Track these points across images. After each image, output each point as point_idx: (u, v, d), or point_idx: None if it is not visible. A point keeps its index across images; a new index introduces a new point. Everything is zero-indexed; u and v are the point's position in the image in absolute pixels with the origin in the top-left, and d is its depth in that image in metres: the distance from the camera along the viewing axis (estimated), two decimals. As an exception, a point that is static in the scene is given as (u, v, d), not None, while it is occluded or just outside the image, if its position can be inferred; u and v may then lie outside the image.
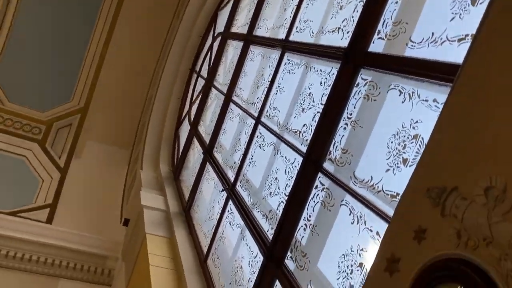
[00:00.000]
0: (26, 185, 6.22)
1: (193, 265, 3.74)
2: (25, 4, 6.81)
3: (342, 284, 2.12)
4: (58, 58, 7.03)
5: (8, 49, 6.82)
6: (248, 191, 3.52)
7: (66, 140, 7.02)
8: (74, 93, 7.17)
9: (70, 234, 5.67)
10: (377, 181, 2.12)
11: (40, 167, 6.55)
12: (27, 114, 6.83)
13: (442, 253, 1.21)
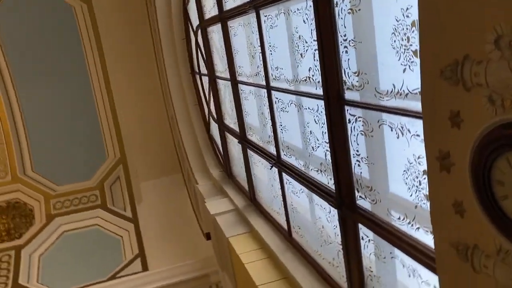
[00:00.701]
0: (110, 248, 6.53)
1: (281, 245, 3.77)
2: (24, 95, 7.08)
3: (417, 197, 2.04)
4: (76, 127, 7.27)
5: (32, 140, 7.14)
6: (293, 156, 3.47)
7: (122, 192, 7.29)
8: (106, 149, 7.41)
9: (168, 270, 5.90)
10: (399, 85, 2.00)
11: (113, 227, 6.85)
12: (78, 188, 7.15)
13: (485, 126, 1.10)
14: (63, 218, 6.94)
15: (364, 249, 2.58)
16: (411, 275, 2.19)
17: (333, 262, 3.04)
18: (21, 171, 7.17)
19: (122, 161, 7.38)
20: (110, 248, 6.54)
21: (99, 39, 7.09)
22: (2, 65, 6.95)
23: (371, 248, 2.53)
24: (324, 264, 3.18)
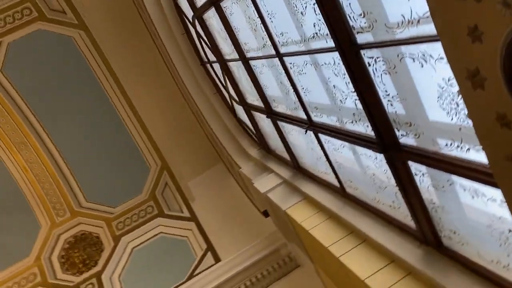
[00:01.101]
0: (180, 251, 6.79)
1: (338, 203, 3.80)
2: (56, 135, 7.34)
3: (459, 119, 1.98)
4: (112, 149, 7.49)
5: (77, 173, 7.44)
6: (324, 114, 3.44)
7: (174, 196, 7.50)
8: (146, 161, 7.61)
9: (239, 255, 6.06)
10: (408, 14, 1.93)
11: (176, 230, 7.10)
12: (133, 205, 7.43)
13: (507, 31, 1.06)
14: (128, 236, 7.24)
15: (420, 184, 2.56)
16: (474, 196, 2.16)
17: (393, 205, 3.04)
18: (77, 205, 7.50)
19: (165, 167, 7.57)
20: (179, 250, 6.79)
21: (106, 61, 7.19)
22: (26, 113, 7.21)
23: (427, 181, 2.51)
24: (385, 209, 3.18)
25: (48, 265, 7.25)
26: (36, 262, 7.26)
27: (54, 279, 7.13)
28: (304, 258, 5.11)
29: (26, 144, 7.31)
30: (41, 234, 7.43)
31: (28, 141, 7.32)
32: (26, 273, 7.18)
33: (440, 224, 2.58)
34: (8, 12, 6.82)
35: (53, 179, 7.42)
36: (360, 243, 3.39)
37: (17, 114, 7.16)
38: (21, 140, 7.30)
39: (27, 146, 7.30)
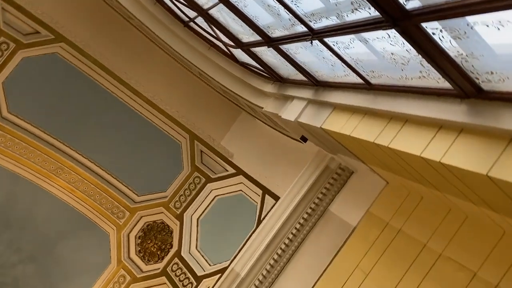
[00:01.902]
0: (240, 205, 7.03)
1: (368, 97, 3.78)
2: (87, 151, 7.53)
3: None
4: (140, 140, 7.65)
5: (120, 175, 7.68)
6: (323, 17, 3.36)
7: (214, 159, 7.66)
8: (174, 138, 7.75)
9: (295, 185, 6.20)
10: None
11: (229, 188, 7.33)
12: (181, 181, 7.71)
13: None
14: (188, 211, 7.54)
15: (442, 42, 2.51)
16: (499, 28, 2.11)
17: (422, 75, 3.01)
18: (132, 202, 7.81)
19: (194, 137, 7.69)
20: (239, 205, 7.04)
21: (97, 62, 7.19)
22: (48, 140, 7.39)
23: (447, 36, 2.46)
24: (415, 82, 3.16)
25: (131, 263, 7.69)
26: (119, 265, 7.72)
27: (141, 273, 7.59)
28: (355, 163, 5.20)
29: (62, 168, 7.56)
30: (112, 240, 7.84)
31: (62, 165, 7.56)
32: (116, 277, 7.66)
33: (474, 72, 2.55)
34: (-12, 54, 6.84)
35: (100, 189, 7.70)
36: (403, 125, 3.41)
37: (41, 145, 7.36)
38: (56, 166, 7.55)
39: (63, 169, 7.54)
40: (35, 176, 7.48)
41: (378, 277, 4.21)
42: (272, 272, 5.54)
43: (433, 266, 3.82)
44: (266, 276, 5.55)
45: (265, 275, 5.55)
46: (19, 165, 7.35)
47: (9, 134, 7.14)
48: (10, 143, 7.18)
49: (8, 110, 7.10)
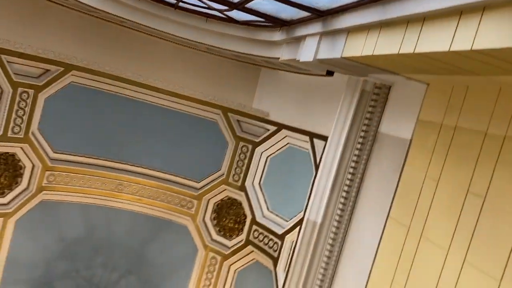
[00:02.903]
0: (293, 157, 7.09)
1: (377, 11, 3.59)
2: (133, 158, 7.80)
3: None
4: (177, 131, 7.81)
5: (176, 171, 7.92)
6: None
7: (252, 124, 7.71)
8: (208, 118, 7.84)
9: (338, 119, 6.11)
10: None
11: (277, 145, 7.40)
12: (230, 155, 7.85)
13: None
14: (248, 179, 7.73)
15: None
16: None
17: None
18: (195, 190, 8.09)
19: (226, 110, 7.75)
20: (292, 157, 7.09)
21: (114, 76, 7.29)
22: (101, 163, 7.71)
23: None
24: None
25: (216, 244, 8.06)
26: (206, 249, 8.11)
27: (228, 249, 7.94)
28: (389, 77, 5.03)
29: (121, 183, 7.91)
30: (191, 230, 8.22)
31: (120, 180, 7.90)
32: (207, 261, 8.09)
33: None
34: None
35: (162, 189, 8.03)
36: (422, 26, 3.21)
37: (94, 170, 7.71)
38: (116, 184, 7.91)
39: (123, 184, 7.90)
40: (101, 199, 7.90)
41: (450, 180, 4.14)
42: (345, 210, 5.60)
43: (501, 151, 3.69)
44: (342, 215, 5.62)
45: (340, 214, 5.63)
46: (84, 196, 7.77)
47: (64, 172, 7.52)
48: (67, 179, 7.58)
49: (53, 150, 7.43)
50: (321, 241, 5.81)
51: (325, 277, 5.76)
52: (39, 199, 7.42)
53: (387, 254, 4.78)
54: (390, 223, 4.83)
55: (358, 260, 5.30)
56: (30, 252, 7.73)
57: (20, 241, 7.48)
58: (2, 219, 7.13)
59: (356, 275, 5.27)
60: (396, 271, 4.53)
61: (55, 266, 8.06)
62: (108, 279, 8.47)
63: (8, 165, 6.95)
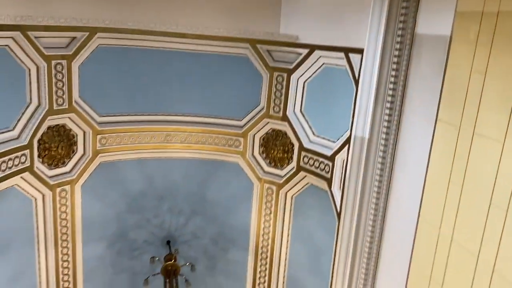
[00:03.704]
0: (331, 77, 6.94)
1: None
2: (181, 109, 7.94)
3: None
4: (211, 75, 7.82)
5: (221, 113, 8.04)
6: None
7: (283, 51, 7.54)
8: (239, 54, 7.74)
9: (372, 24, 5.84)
10: None
11: (313, 67, 7.24)
12: (266, 86, 7.77)
13: None
14: (288, 108, 7.72)
15: None
16: None
17: None
18: (239, 128, 8.21)
19: (255, 42, 7.59)
20: (330, 76, 6.95)
21: (138, 30, 7.25)
22: (145, 118, 7.93)
23: None
24: None
25: (269, 175, 8.29)
26: (261, 182, 8.36)
27: (281, 178, 8.14)
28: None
29: (168, 134, 8.17)
30: (243, 166, 8.44)
31: (167, 132, 8.15)
32: (264, 192, 8.37)
33: None
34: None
35: (208, 133, 8.24)
36: None
37: (141, 126, 7.97)
38: (164, 136, 8.18)
39: (170, 134, 8.16)
40: (153, 152, 8.23)
41: (497, 70, 3.92)
42: (392, 120, 5.52)
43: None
44: (389, 126, 5.55)
45: (387, 125, 5.56)
46: (137, 152, 8.12)
47: (113, 133, 7.83)
48: (118, 139, 7.91)
49: (99, 115, 7.71)
50: (371, 155, 5.82)
51: (380, 188, 5.84)
52: (97, 162, 7.84)
53: (440, 157, 4.74)
54: (440, 125, 4.73)
55: (412, 167, 5.30)
56: (101, 211, 8.33)
57: (89, 203, 8.06)
58: (69, 186, 7.65)
59: (411, 181, 5.30)
60: (452, 172, 4.50)
61: (126, 219, 8.69)
62: (177, 223, 9.05)
63: (62, 136, 7.32)
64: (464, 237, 4.36)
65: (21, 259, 7.52)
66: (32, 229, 7.53)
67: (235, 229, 8.96)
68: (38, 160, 7.09)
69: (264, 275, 9.00)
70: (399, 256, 5.63)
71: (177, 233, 9.15)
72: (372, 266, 6.35)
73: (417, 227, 5.16)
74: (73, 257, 8.18)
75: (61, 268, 8.11)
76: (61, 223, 7.80)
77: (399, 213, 5.64)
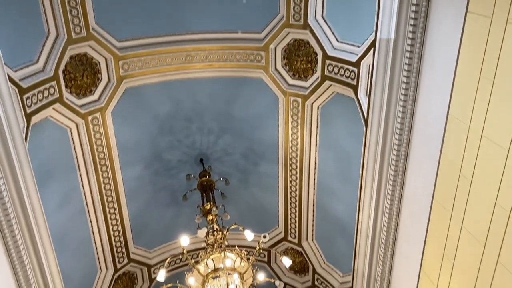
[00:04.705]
0: None
1: None
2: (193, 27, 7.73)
3: None
4: None
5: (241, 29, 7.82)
6: None
7: None
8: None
9: None
10: None
11: None
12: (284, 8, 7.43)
13: None
14: (309, 15, 7.40)
15: None
16: None
17: None
18: (259, 42, 8.00)
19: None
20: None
21: None
22: (164, 39, 7.83)
23: None
24: None
25: (294, 87, 8.22)
26: (286, 95, 8.31)
27: (306, 90, 8.07)
28: None
29: (188, 54, 8.07)
30: (266, 80, 8.38)
31: (187, 52, 8.05)
32: (290, 105, 8.37)
33: None
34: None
35: (228, 49, 8.09)
36: None
37: (161, 48, 7.88)
38: (184, 56, 8.10)
39: (190, 54, 8.06)
40: (176, 74, 8.22)
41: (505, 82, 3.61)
42: (419, 18, 5.24)
43: None
44: (415, 24, 5.29)
45: (413, 23, 5.29)
46: (160, 75, 8.13)
47: (134, 57, 7.81)
48: (140, 63, 7.90)
49: (117, 40, 7.64)
50: (398, 56, 5.64)
51: (408, 90, 5.73)
52: (123, 89, 7.94)
53: (470, 51, 4.55)
54: (470, 17, 4.47)
55: (440, 65, 5.12)
56: (133, 135, 8.61)
57: (121, 128, 8.31)
58: (100, 114, 7.85)
59: (439, 79, 5.16)
60: (483, 66, 4.34)
61: (159, 142, 8.98)
62: (207, 141, 9.30)
63: (85, 65, 7.36)
64: (494, 131, 4.31)
65: (66, 185, 8.02)
66: (72, 157, 7.92)
67: (264, 143, 9.15)
68: (66, 90, 7.24)
69: (295, 184, 9.33)
70: (428, 156, 5.67)
71: (209, 151, 9.44)
72: (400, 169, 6.46)
73: (446, 125, 5.11)
74: (114, 180, 8.65)
75: (104, 191, 8.63)
76: (97, 149, 8.15)
77: (428, 113, 5.57)
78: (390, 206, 6.81)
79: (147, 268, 10.09)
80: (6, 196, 5.88)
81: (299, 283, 10.54)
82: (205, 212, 8.70)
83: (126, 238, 9.46)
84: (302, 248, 10.00)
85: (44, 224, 6.70)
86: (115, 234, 9.22)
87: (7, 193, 5.90)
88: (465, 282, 5.11)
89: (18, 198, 6.15)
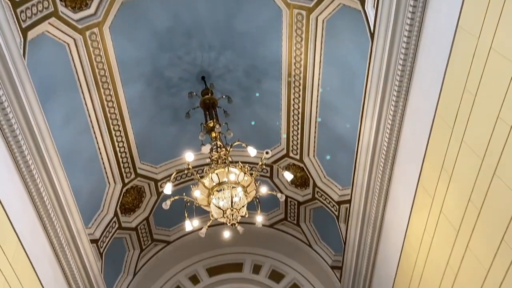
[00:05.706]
0: None
1: None
2: None
3: None
4: None
5: None
6: None
7: None
8: None
9: None
10: None
11: None
12: None
13: None
14: None
15: None
16: None
17: None
18: (287, 4, 7.45)
19: None
20: None
21: None
22: None
23: None
24: None
25: None
26: (290, 7, 7.93)
27: (311, 1, 7.70)
28: None
29: None
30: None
31: None
32: (294, 19, 8.05)
33: None
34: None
35: None
36: None
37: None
38: None
39: None
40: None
41: None
42: None
43: None
44: None
45: None
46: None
47: None
48: None
49: None
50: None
51: (416, 2, 5.49)
52: (119, 2, 7.60)
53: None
54: None
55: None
56: (133, 51, 8.42)
57: (120, 44, 8.10)
58: (97, 29, 7.61)
59: None
60: None
61: (159, 58, 8.80)
62: (209, 58, 9.11)
63: (78, -25, 7.00)
64: (504, 44, 4.19)
65: (69, 102, 8.03)
66: (72, 74, 7.83)
67: (267, 59, 8.96)
68: (61, 3, 6.94)
69: (298, 102, 9.30)
70: (433, 71, 5.59)
71: (210, 68, 9.28)
72: (405, 84, 6.40)
73: (454, 37, 4.97)
74: (116, 97, 8.64)
75: (107, 108, 8.66)
76: (97, 66, 8.02)
77: (436, 26, 5.38)
78: (392, 121, 6.86)
79: (154, 182, 10.44)
80: (11, 113, 5.93)
81: (300, 196, 10.96)
82: (209, 130, 8.79)
83: (132, 155, 9.68)
84: (304, 163, 10.25)
85: (51, 141, 6.83)
86: (121, 151, 9.41)
87: (11, 109, 5.94)
88: (461, 192, 5.30)
89: (23, 116, 6.20)
